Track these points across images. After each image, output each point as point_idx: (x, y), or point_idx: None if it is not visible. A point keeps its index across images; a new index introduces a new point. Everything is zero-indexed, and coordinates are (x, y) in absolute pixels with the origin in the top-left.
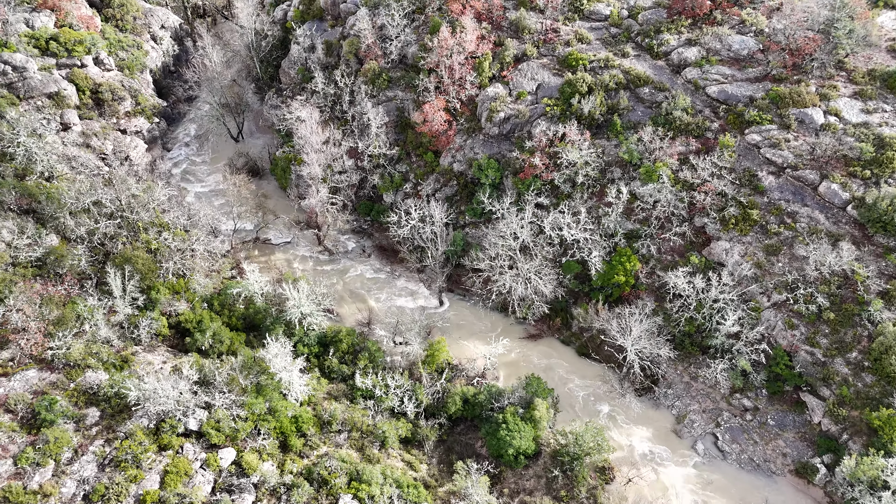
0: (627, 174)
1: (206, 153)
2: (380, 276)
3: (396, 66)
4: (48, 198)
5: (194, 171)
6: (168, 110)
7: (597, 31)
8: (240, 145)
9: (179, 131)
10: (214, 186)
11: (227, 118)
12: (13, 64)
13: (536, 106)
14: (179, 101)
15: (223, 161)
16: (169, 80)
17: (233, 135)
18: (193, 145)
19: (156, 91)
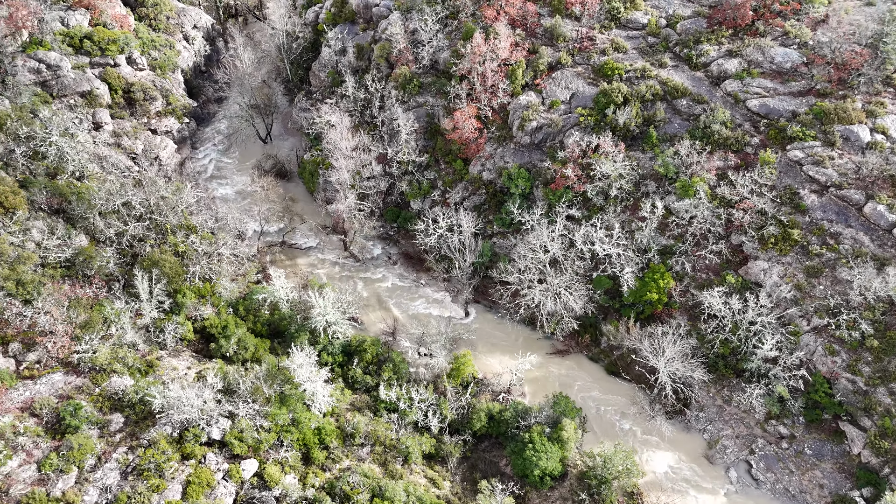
0: (662, 188)
1: (235, 154)
2: (405, 284)
3: (427, 72)
4: (78, 198)
5: (222, 171)
6: (198, 110)
7: (634, 40)
8: (268, 147)
9: (208, 131)
10: (242, 187)
11: (256, 119)
12: (47, 62)
13: (570, 115)
14: (209, 101)
15: (251, 162)
16: (200, 79)
17: (261, 136)
18: (222, 146)
19: (186, 91)
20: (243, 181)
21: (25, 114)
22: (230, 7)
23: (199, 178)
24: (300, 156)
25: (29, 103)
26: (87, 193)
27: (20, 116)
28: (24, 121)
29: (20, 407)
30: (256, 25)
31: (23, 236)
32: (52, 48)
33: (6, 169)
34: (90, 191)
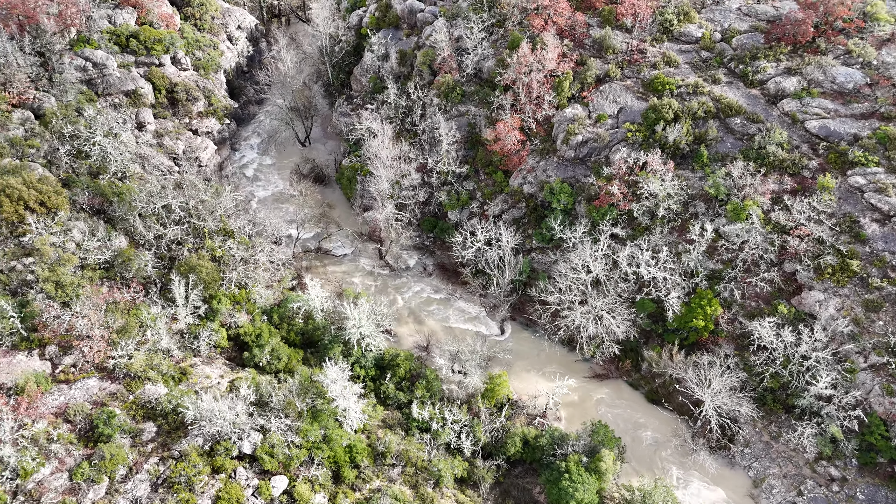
0: (712, 210)
1: (273, 156)
2: (439, 297)
3: (470, 80)
4: (120, 199)
5: (260, 173)
6: (238, 111)
7: (686, 54)
8: (306, 150)
9: (248, 132)
10: (279, 190)
11: (296, 122)
12: (94, 60)
13: (617, 130)
14: (250, 101)
15: (289, 165)
16: (241, 80)
17: (300, 139)
18: (261, 147)
19: (228, 91)
20: (281, 184)
21: (71, 112)
22: (274, 7)
23: (238, 180)
24: (338, 160)
25: (74, 101)
26: (129, 195)
27: (65, 115)
28: (69, 119)
29: (55, 412)
30: (299, 26)
31: (64, 237)
32: (99, 46)
33: (50, 167)
34: (131, 192)
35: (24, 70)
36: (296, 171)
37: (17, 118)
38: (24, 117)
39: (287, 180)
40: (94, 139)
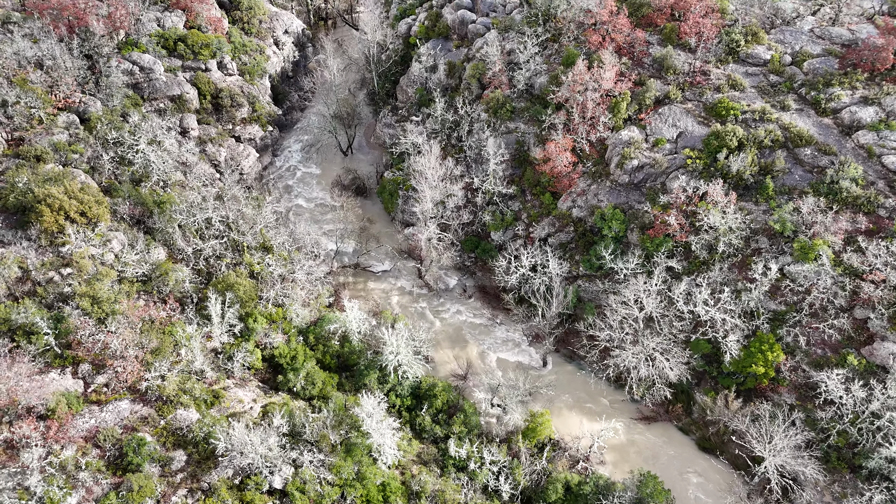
0: (777, 246)
1: (315, 165)
2: (479, 322)
3: (521, 96)
4: (160, 211)
5: (302, 181)
6: (281, 118)
7: (753, 77)
8: (348, 160)
9: (290, 139)
10: (320, 200)
11: (339, 131)
12: (141, 64)
13: (675, 156)
14: (293, 107)
15: (330, 174)
16: (286, 85)
17: (342, 148)
18: (302, 155)
19: (272, 97)
20: (322, 194)
21: (116, 117)
22: (321, 10)
23: (278, 188)
24: (380, 172)
25: (120, 106)
26: (169, 206)
27: (110, 120)
28: (113, 124)
29: (84, 436)
30: (345, 31)
31: (103, 248)
32: (147, 50)
33: (92, 173)
34: (172, 204)
35: (72, 73)
36: (337, 182)
37: (62, 121)
38: (70, 121)
39: (328, 191)
40: (137, 147)
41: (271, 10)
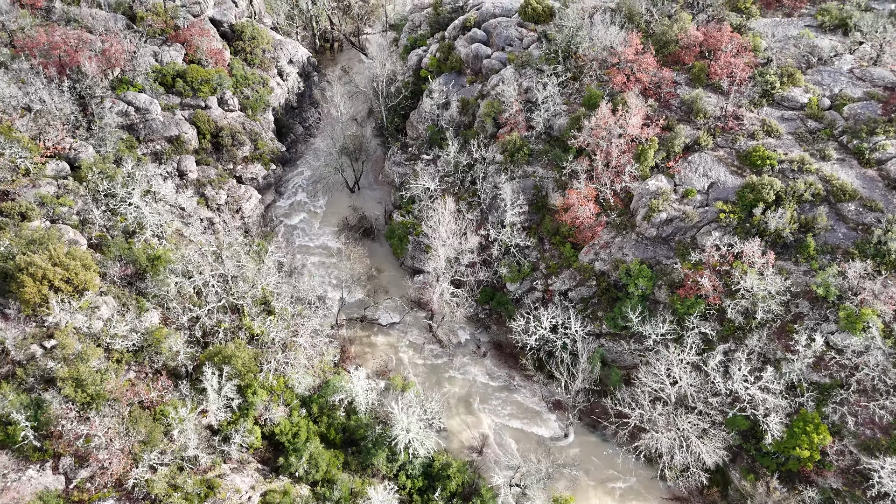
0: (820, 312)
1: (320, 202)
2: (495, 384)
3: (539, 138)
4: (153, 274)
5: (306, 222)
6: (285, 154)
7: (789, 122)
8: (355, 196)
9: (294, 174)
10: (325, 242)
11: (345, 166)
12: (137, 105)
13: (707, 209)
14: (298, 140)
15: (336, 213)
16: (290, 117)
17: (349, 184)
18: (307, 191)
19: (276, 130)
20: (327, 236)
21: (108, 164)
22: (327, 33)
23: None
24: (388, 211)
25: (113, 151)
26: (164, 268)
27: (102, 168)
28: (105, 173)
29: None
30: (352, 53)
31: (90, 316)
32: (143, 89)
33: (82, 227)
34: (166, 264)
35: (62, 117)
36: (344, 224)
37: (51, 170)
38: (59, 169)
39: (334, 232)
40: (129, 200)
41: (275, 38)
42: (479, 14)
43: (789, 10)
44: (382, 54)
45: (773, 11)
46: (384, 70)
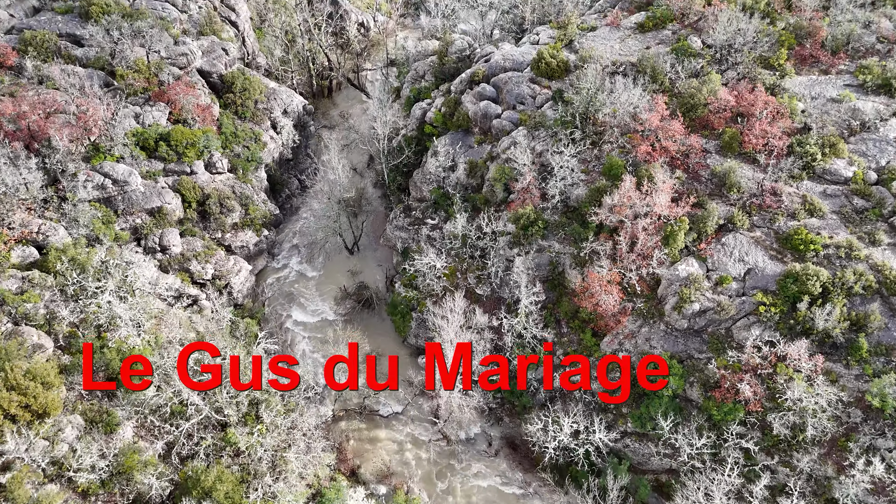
0: (876, 424)
1: (316, 265)
2: (509, 491)
3: (555, 209)
4: (125, 393)
5: (300, 291)
6: (279, 215)
7: (833, 199)
8: (354, 259)
9: (289, 232)
10: (321, 315)
11: (343, 224)
12: (114, 177)
13: (744, 300)
14: (293, 194)
15: (334, 277)
16: (284, 170)
17: (347, 246)
18: (302, 254)
19: (269, 186)
20: (324, 307)
21: (80, 249)
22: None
23: (274, 297)
24: (389, 276)
25: (87, 229)
26: (136, 394)
27: (73, 256)
28: (76, 261)
29: None
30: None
31: (53, 441)
32: (122, 158)
33: (50, 326)
34: (138, 396)
35: (29, 198)
36: (342, 293)
37: (16, 258)
38: (25, 255)
39: (332, 302)
40: (102, 298)
41: (269, 86)
42: (488, 67)
43: (826, 67)
44: (382, 110)
45: (809, 68)
46: (385, 129)
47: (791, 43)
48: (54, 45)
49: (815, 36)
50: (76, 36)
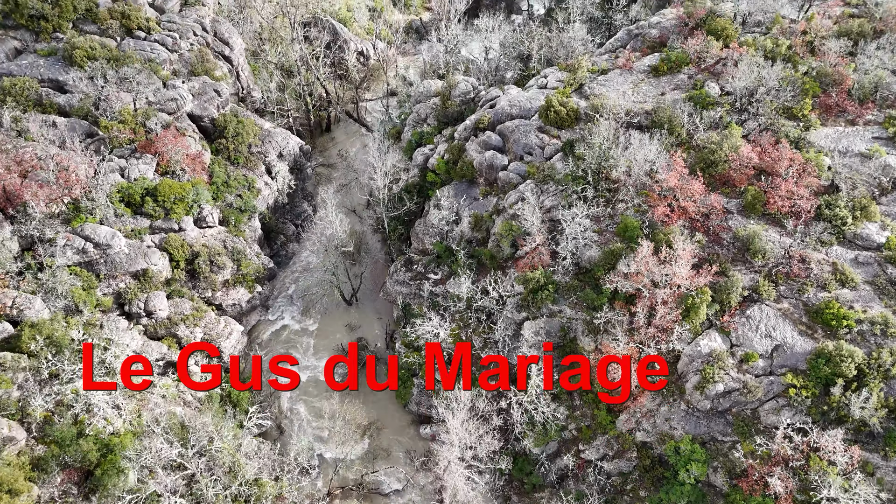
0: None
1: (312, 319)
2: None
3: (566, 270)
4: (105, 476)
5: (297, 341)
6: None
7: (865, 267)
8: (353, 311)
9: (284, 281)
10: (317, 375)
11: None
12: (96, 240)
13: (772, 380)
14: (289, 240)
15: (331, 332)
16: (279, 216)
17: (345, 298)
18: (297, 307)
19: (263, 236)
20: (321, 366)
21: (58, 325)
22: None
23: (267, 356)
24: (389, 332)
25: (64, 303)
26: (116, 476)
27: (49, 333)
28: (51, 340)
29: None
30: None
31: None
32: (105, 219)
33: (23, 412)
34: (118, 472)
35: (2, 269)
36: (339, 350)
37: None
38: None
39: (327, 359)
40: (77, 382)
41: (263, 128)
42: (494, 114)
43: (853, 117)
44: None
45: (835, 118)
46: (385, 180)
47: (815, 91)
48: (35, 92)
49: (841, 84)
50: (59, 82)
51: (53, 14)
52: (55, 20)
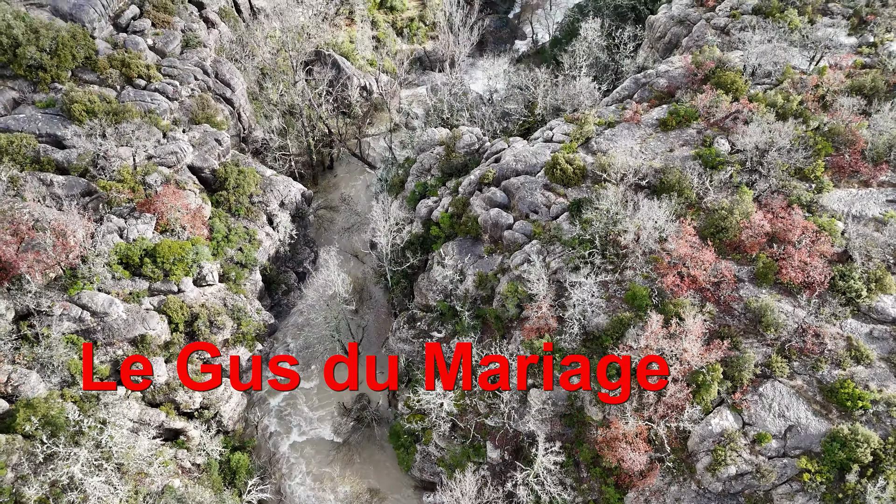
0: None
1: (312, 374)
2: None
3: (574, 337)
4: None
5: (295, 407)
6: (275, 323)
7: (880, 342)
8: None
9: (284, 331)
10: (318, 435)
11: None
12: (93, 309)
13: (786, 462)
14: (290, 289)
15: (333, 392)
16: (280, 265)
17: (347, 352)
18: (300, 357)
19: (264, 288)
20: (321, 427)
21: (54, 401)
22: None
23: (266, 417)
24: (389, 393)
25: (60, 378)
26: None
27: (44, 412)
28: (47, 419)
29: None
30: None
31: None
32: (102, 285)
33: (17, 495)
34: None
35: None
36: (341, 412)
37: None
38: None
39: (330, 421)
40: (72, 467)
41: (265, 176)
42: (499, 169)
43: (867, 178)
44: (384, 212)
45: (847, 179)
46: (388, 237)
47: (828, 150)
48: (33, 149)
49: (853, 144)
50: (57, 136)
51: (52, 64)
52: (53, 70)
